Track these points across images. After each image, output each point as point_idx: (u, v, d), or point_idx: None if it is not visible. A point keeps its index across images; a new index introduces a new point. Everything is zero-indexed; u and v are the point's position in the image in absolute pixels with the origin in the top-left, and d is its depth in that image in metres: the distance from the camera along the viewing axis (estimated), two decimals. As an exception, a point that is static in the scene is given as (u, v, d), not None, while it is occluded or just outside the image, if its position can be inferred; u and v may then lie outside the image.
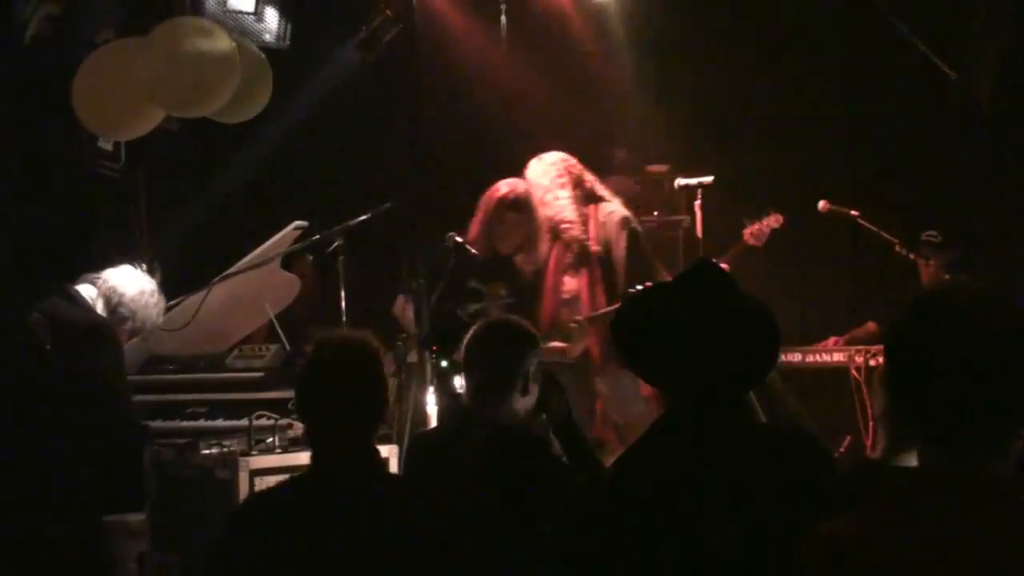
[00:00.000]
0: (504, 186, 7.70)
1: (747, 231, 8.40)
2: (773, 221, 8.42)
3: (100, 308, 6.60)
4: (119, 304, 6.62)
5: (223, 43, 7.26)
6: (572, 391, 5.43)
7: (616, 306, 7.37)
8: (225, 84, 7.15)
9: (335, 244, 7.23)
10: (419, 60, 6.92)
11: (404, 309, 7.72)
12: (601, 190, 7.84)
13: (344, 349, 4.16)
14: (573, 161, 7.87)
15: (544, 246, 7.71)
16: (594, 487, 4.19)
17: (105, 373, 6.48)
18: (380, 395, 4.09)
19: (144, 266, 6.92)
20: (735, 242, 8.31)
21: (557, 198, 7.70)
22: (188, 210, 9.17)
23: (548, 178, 7.75)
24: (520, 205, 7.65)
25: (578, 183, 7.78)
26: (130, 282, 6.68)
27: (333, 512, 3.87)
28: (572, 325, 7.65)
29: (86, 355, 6.43)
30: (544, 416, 4.96)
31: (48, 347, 6.37)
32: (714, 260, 3.65)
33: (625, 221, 7.65)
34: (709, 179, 7.72)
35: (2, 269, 8.09)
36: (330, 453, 4.01)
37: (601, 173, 9.09)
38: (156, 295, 6.72)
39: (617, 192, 8.19)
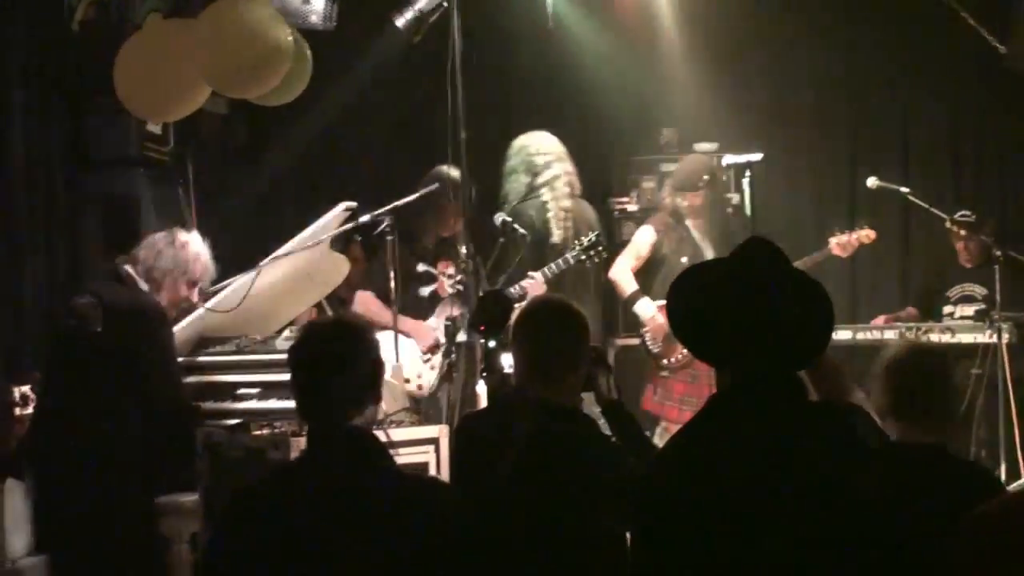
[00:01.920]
0: None
1: (835, 241, 8.46)
2: (865, 237, 8.49)
3: (143, 281, 6.68)
4: (157, 258, 6.70)
5: (276, 24, 7.28)
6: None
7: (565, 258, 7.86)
8: (278, 66, 7.16)
9: (383, 225, 7.26)
10: (464, 40, 6.91)
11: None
12: None
13: (327, 332, 4.11)
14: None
15: None
16: (644, 468, 4.16)
17: (155, 354, 6.53)
18: (359, 379, 3.97)
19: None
20: (819, 242, 8.38)
21: None
22: (236, 192, 9.19)
23: None
24: None
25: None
26: (156, 238, 6.78)
27: (318, 499, 3.81)
28: (526, 281, 7.80)
29: (136, 336, 6.48)
30: (593, 395, 4.93)
31: (99, 329, 6.43)
32: (765, 238, 3.62)
33: None
34: (758, 156, 7.70)
35: (52, 253, 8.19)
36: (315, 437, 3.98)
37: (649, 152, 9.17)
38: (192, 244, 6.80)
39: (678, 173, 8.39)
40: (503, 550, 4.30)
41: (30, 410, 4.89)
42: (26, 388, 4.46)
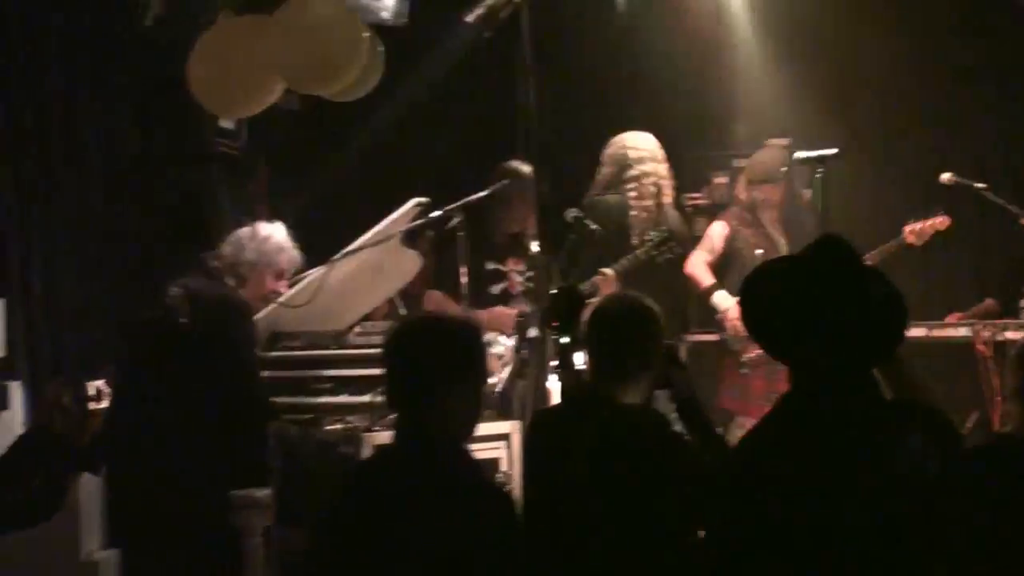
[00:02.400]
0: None
1: (909, 229, 8.37)
2: (939, 223, 8.39)
3: (228, 276, 6.77)
4: (241, 253, 6.80)
5: (350, 20, 7.32)
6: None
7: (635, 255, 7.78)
8: (352, 62, 7.20)
9: (454, 220, 7.27)
10: (534, 36, 6.92)
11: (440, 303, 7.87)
12: None
13: (418, 329, 4.20)
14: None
15: None
16: (718, 466, 4.18)
17: (238, 348, 6.62)
18: (450, 374, 4.04)
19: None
20: (893, 238, 8.33)
21: None
22: (308, 188, 9.22)
23: None
24: None
25: None
26: (239, 234, 6.87)
27: (398, 492, 3.90)
28: (597, 278, 7.76)
29: (221, 329, 6.58)
30: (666, 392, 4.92)
31: (185, 321, 6.50)
32: (838, 235, 3.62)
33: None
34: (832, 151, 7.64)
35: (125, 248, 8.27)
36: (401, 433, 4.06)
37: (722, 148, 9.13)
38: (276, 236, 6.87)
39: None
40: (575, 547, 4.31)
41: (104, 404, 4.94)
42: (100, 383, 4.51)
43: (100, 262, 8.22)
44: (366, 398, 6.59)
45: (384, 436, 6.15)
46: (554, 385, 6.59)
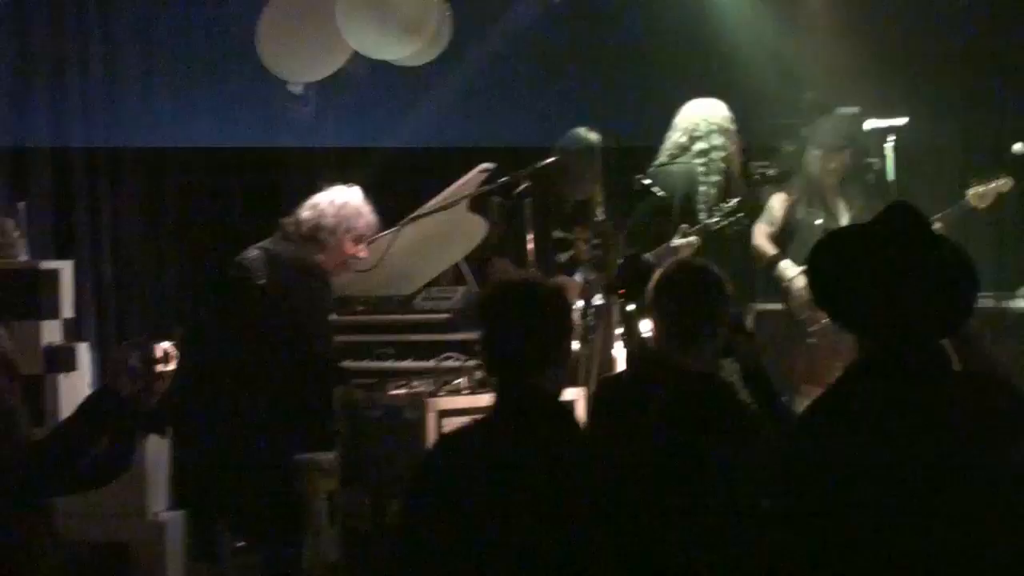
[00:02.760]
0: None
1: (972, 192, 8.26)
2: (1002, 185, 8.28)
3: (306, 241, 6.80)
4: (320, 218, 6.85)
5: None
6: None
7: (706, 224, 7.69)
8: (424, 27, 7.19)
9: (522, 186, 7.26)
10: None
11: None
12: None
13: (517, 290, 4.19)
14: None
15: None
16: (784, 436, 4.10)
17: (314, 312, 6.75)
18: (554, 338, 4.08)
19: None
20: (958, 200, 8.22)
21: None
22: (376, 152, 9.20)
23: None
24: None
25: None
26: (316, 199, 6.91)
27: (511, 458, 3.90)
28: (678, 241, 7.66)
29: (298, 292, 6.71)
30: (732, 360, 4.92)
31: (262, 283, 6.60)
32: (909, 203, 3.59)
33: None
34: (902, 121, 7.58)
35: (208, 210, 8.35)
36: (507, 397, 4.05)
37: (790, 116, 9.03)
38: (353, 201, 6.93)
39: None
40: (642, 516, 4.31)
41: (172, 366, 4.99)
42: (168, 344, 4.58)
43: (171, 223, 8.37)
44: (431, 363, 6.61)
45: (449, 401, 6.19)
46: (619, 352, 6.57)
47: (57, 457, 4.40)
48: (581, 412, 6.33)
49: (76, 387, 7.22)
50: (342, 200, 6.93)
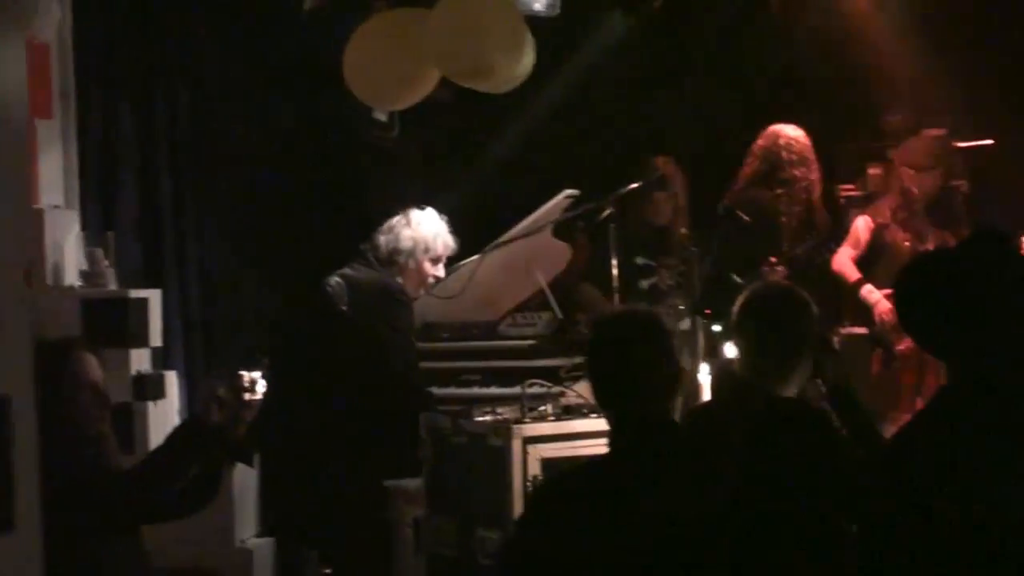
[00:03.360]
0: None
1: None
2: None
3: (384, 265, 6.81)
4: (397, 241, 6.84)
5: (511, 14, 7.34)
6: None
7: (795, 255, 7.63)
8: (513, 56, 7.19)
9: (606, 212, 7.24)
10: (686, 30, 6.88)
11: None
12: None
13: (625, 322, 4.19)
14: None
15: None
16: (873, 461, 4.14)
17: (397, 336, 6.70)
18: (667, 368, 4.07)
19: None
20: None
21: None
22: (461, 179, 9.24)
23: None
24: None
25: None
26: (393, 222, 6.89)
27: (631, 495, 3.89)
28: (765, 269, 7.56)
29: (380, 317, 6.68)
30: (819, 382, 4.86)
31: (344, 309, 6.63)
32: (996, 228, 3.57)
33: None
34: (988, 142, 7.51)
35: (277, 237, 8.38)
36: (626, 433, 4.04)
37: (876, 138, 8.95)
38: (428, 222, 6.91)
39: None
40: (731, 543, 4.29)
41: (259, 396, 5.08)
42: (256, 374, 4.63)
43: (256, 252, 8.40)
44: (516, 389, 6.46)
45: (535, 428, 6.11)
46: (704, 378, 6.53)
47: (147, 485, 4.48)
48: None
49: (165, 415, 7.29)
50: (417, 221, 6.95)
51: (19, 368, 3.19)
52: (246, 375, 4.63)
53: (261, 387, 4.78)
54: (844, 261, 8.44)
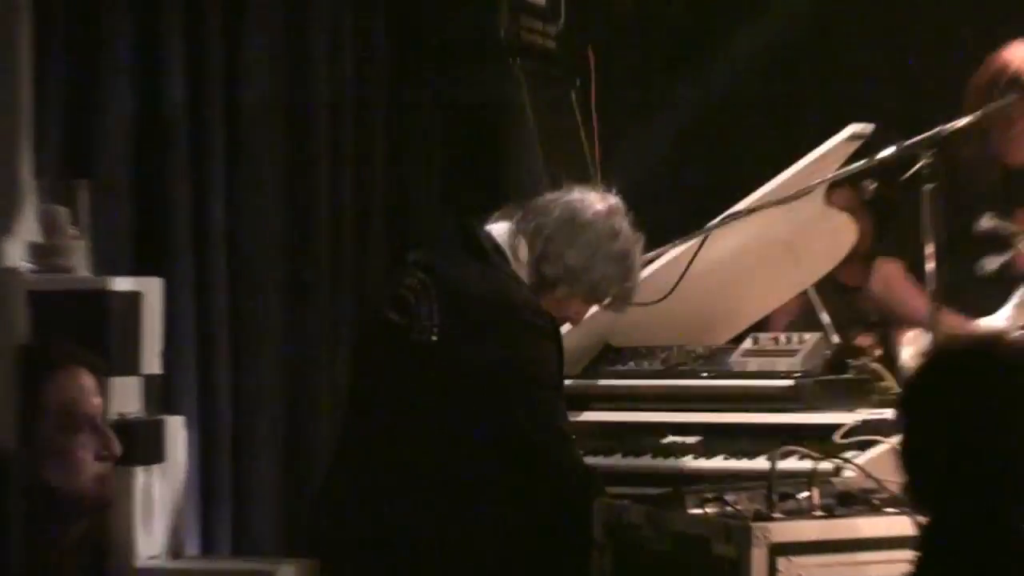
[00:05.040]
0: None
1: None
2: None
3: (522, 261, 6.26)
4: (546, 252, 6.27)
5: None
6: None
7: None
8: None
9: (919, 164, 6.69)
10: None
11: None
12: None
13: (975, 360, 3.97)
14: None
15: None
16: None
17: (528, 381, 6.20)
18: None
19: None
20: None
21: None
22: (662, 109, 9.33)
23: None
24: None
25: None
26: (561, 206, 6.31)
27: None
28: None
29: (496, 348, 6.11)
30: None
31: (427, 323, 6.13)
32: None
33: None
34: None
35: (364, 198, 8.53)
36: (958, 548, 3.84)
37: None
38: (627, 245, 6.33)
39: None
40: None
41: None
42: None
43: (315, 223, 8.46)
44: (759, 462, 6.18)
45: (790, 528, 5.68)
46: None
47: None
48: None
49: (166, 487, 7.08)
50: (608, 231, 6.40)
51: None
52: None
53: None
54: None
